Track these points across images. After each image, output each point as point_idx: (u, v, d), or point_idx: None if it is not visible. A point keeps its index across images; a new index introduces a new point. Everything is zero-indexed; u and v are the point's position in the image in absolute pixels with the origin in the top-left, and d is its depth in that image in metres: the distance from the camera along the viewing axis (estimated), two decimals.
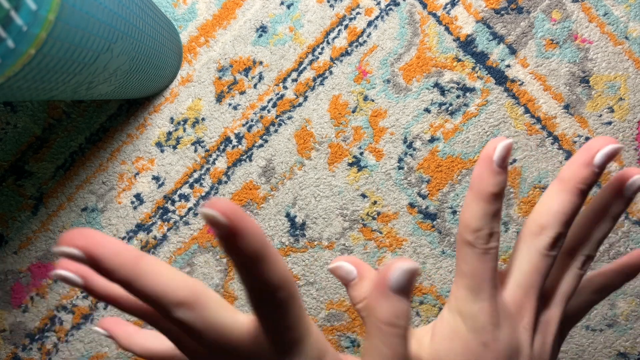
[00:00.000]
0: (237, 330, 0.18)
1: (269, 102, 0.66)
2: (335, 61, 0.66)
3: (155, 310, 0.17)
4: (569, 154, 0.65)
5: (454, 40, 0.65)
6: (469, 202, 0.23)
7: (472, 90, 0.65)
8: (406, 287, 0.19)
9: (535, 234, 0.23)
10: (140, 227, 0.67)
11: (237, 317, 0.19)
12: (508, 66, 0.65)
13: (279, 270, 0.18)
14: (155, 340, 0.25)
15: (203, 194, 0.67)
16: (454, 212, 0.66)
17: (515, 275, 0.24)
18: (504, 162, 0.22)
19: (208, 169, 0.66)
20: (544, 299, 0.24)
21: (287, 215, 0.66)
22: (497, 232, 0.23)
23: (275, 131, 0.66)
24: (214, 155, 0.66)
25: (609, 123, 0.65)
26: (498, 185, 0.22)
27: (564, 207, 0.23)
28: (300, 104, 0.66)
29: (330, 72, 0.66)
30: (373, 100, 0.66)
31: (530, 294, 0.23)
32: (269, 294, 0.18)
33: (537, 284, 0.23)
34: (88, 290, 0.21)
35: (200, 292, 0.18)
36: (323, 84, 0.66)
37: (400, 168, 0.66)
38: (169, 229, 0.67)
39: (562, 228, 0.23)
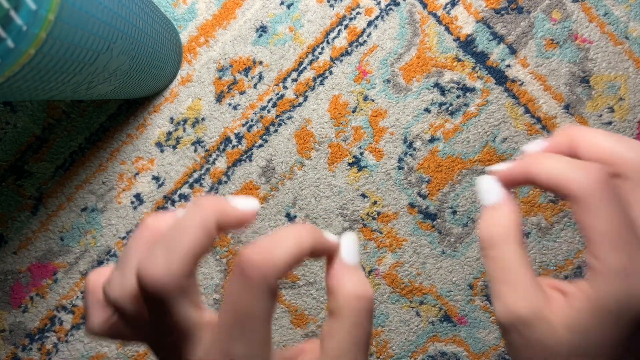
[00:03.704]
0: None
1: (269, 102, 0.66)
2: (335, 61, 0.66)
3: None
4: None
5: (454, 40, 0.65)
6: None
7: (472, 90, 0.65)
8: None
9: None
10: None
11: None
12: (508, 66, 0.65)
13: None
14: None
15: (203, 193, 0.67)
16: (454, 212, 0.66)
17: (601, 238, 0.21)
18: None
19: (208, 169, 0.66)
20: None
21: (287, 215, 0.66)
22: None
23: (275, 131, 0.66)
24: (214, 155, 0.66)
25: (609, 123, 0.65)
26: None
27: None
28: (300, 104, 0.66)
29: (330, 72, 0.66)
30: (373, 100, 0.66)
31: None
32: None
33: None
34: None
35: None
36: (323, 84, 0.66)
37: (400, 168, 0.66)
38: None
39: None
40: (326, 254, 0.24)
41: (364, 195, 0.66)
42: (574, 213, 0.22)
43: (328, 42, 0.66)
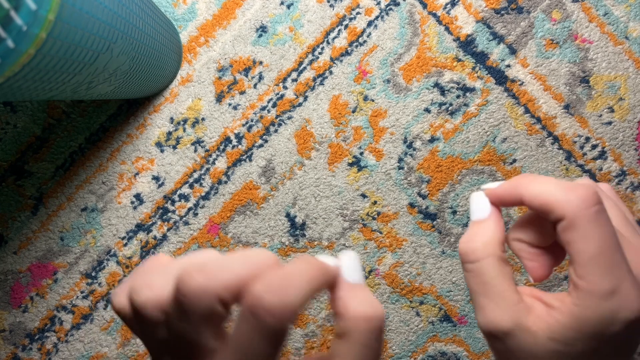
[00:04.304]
0: None
1: (269, 102, 0.66)
2: (335, 61, 0.66)
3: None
4: (569, 154, 0.65)
5: (454, 40, 0.65)
6: None
7: (472, 90, 0.65)
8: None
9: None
10: (140, 227, 0.67)
11: None
12: (508, 66, 0.65)
13: None
14: None
15: (203, 194, 0.67)
16: (454, 212, 0.66)
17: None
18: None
19: (208, 169, 0.66)
20: None
21: (287, 215, 0.66)
22: None
23: (275, 131, 0.66)
24: (214, 155, 0.66)
25: (609, 123, 0.65)
26: None
27: None
28: (300, 104, 0.66)
29: (330, 72, 0.66)
30: (373, 100, 0.66)
31: None
32: None
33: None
34: None
35: None
36: (323, 84, 0.66)
37: (400, 168, 0.66)
38: (168, 229, 0.67)
39: None
40: (332, 283, 0.22)
41: (364, 195, 0.66)
42: (560, 233, 0.22)
43: (328, 42, 0.66)
